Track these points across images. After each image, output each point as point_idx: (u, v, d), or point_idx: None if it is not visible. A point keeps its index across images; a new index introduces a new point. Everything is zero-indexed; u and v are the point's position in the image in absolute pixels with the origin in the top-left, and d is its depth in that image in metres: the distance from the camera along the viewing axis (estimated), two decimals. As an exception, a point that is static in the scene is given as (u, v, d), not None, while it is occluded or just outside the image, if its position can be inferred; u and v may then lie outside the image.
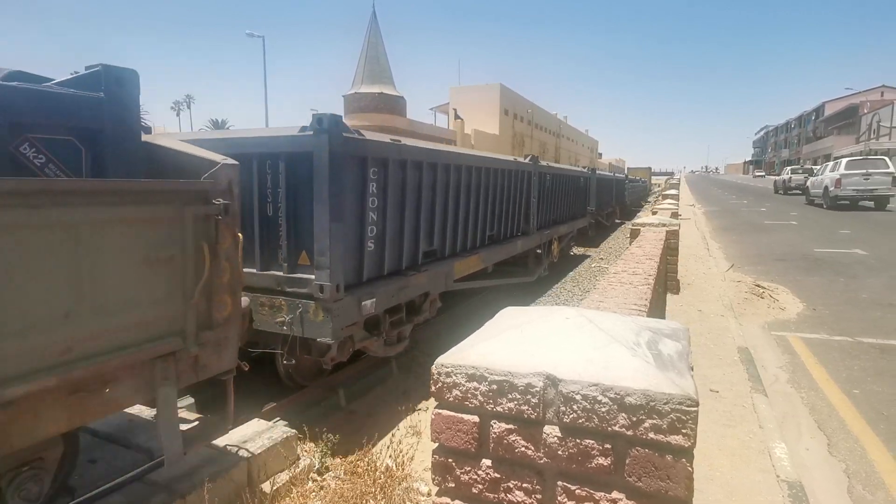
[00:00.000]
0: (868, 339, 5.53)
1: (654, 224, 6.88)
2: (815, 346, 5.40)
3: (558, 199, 11.49)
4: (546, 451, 1.09)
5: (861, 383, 4.47)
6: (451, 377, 1.16)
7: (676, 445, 1.00)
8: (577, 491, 1.08)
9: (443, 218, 6.13)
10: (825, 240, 12.58)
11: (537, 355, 1.14)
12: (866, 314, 6.43)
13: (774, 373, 4.72)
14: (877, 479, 3.12)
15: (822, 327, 6.01)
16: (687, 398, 1.00)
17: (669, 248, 6.78)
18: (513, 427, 1.12)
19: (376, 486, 3.53)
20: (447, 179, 6.13)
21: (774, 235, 13.79)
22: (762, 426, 3.54)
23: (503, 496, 1.14)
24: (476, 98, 43.07)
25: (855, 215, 17.77)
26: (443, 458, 1.18)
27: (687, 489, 1.01)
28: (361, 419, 5.19)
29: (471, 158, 6.87)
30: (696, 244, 11.81)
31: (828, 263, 9.65)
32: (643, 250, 4.25)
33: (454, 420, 1.16)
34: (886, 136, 52.21)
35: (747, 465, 3.09)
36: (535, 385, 1.09)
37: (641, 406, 1.02)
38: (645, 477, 1.03)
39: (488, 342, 1.22)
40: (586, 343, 1.17)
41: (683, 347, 1.30)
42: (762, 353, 5.18)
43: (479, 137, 38.75)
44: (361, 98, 33.03)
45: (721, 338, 5.46)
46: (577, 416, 1.06)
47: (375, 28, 34.55)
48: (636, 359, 1.11)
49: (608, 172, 21.67)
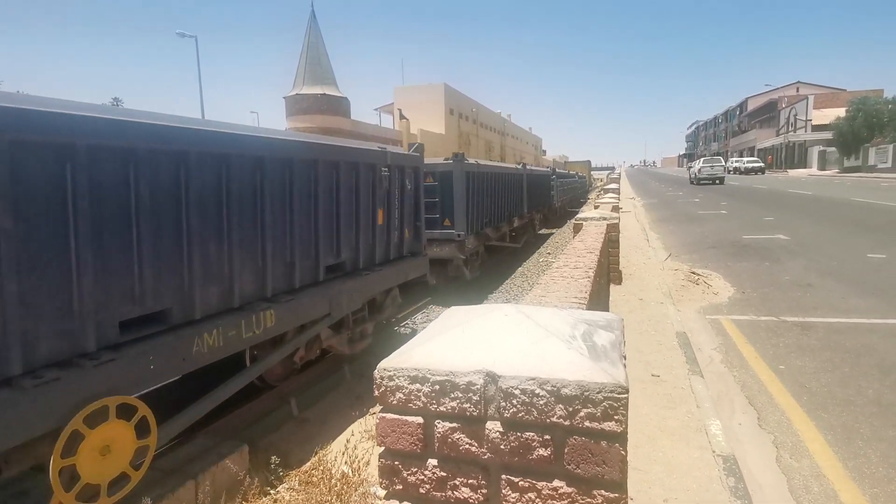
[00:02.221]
0: (791, 318, 5.97)
1: (595, 218, 7.13)
2: (744, 327, 5.77)
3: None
4: (489, 446, 1.12)
5: (786, 359, 4.82)
6: (393, 381, 1.16)
7: (610, 431, 1.05)
8: (520, 483, 1.12)
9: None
10: (752, 227, 13.45)
11: (477, 353, 1.16)
12: (788, 295, 6.94)
13: (709, 354, 5.01)
14: (802, 447, 3.38)
15: (750, 309, 6.43)
16: (618, 386, 1.05)
17: (610, 240, 7.04)
18: (456, 426, 1.14)
19: (332, 494, 3.49)
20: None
21: (707, 225, 14.61)
22: (699, 406, 3.76)
23: (450, 494, 1.16)
24: (421, 98, 43.07)
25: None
26: (389, 461, 1.19)
27: (621, 472, 1.06)
28: (315, 427, 5.10)
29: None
30: (637, 235, 12.34)
31: (754, 249, 10.33)
32: (585, 244, 4.41)
33: (399, 423, 1.17)
34: (802, 129, 56.39)
35: (686, 443, 3.27)
36: (476, 383, 1.11)
37: (577, 396, 1.06)
38: (583, 464, 1.08)
39: (430, 343, 1.23)
40: (524, 338, 1.21)
41: (617, 337, 1.36)
42: (698, 337, 5.48)
43: (425, 137, 38.79)
44: (303, 99, 32.30)
45: (661, 324, 5.74)
46: (518, 410, 1.10)
47: (315, 28, 33.87)
48: (571, 351, 1.16)
49: (510, 165, 14.48)
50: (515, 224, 13.62)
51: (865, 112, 41.35)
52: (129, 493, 3.21)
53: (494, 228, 11.34)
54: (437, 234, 8.86)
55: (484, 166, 10.30)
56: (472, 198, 9.45)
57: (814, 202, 19.27)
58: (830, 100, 57.90)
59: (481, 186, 10.15)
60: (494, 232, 11.36)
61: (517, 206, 13.54)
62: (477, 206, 9.82)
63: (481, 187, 10.15)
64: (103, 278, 3.07)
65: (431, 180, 8.56)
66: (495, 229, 11.45)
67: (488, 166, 10.82)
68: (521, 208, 14.02)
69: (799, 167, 54.18)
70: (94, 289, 2.99)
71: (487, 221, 10.69)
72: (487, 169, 10.65)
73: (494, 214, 11.20)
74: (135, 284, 3.27)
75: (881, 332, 5.39)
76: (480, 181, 10.08)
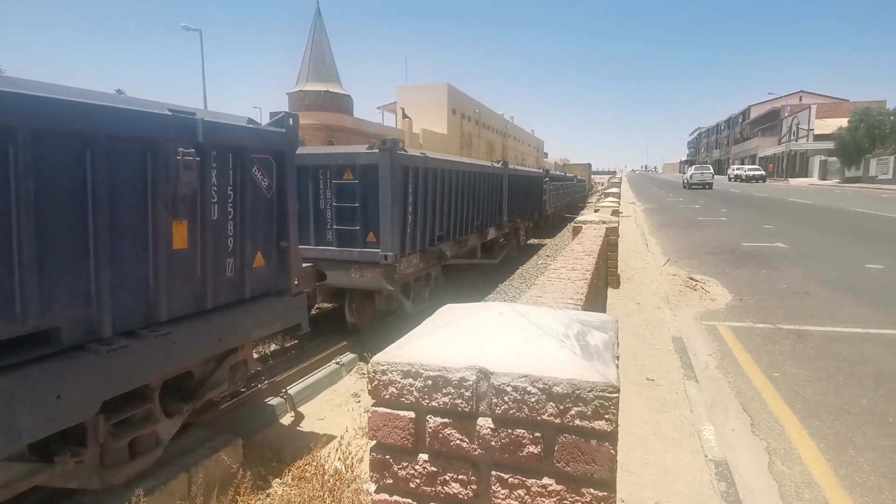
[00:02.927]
0: (787, 326, 5.98)
1: (594, 221, 7.15)
2: (741, 333, 5.78)
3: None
4: (480, 442, 1.13)
5: (781, 367, 4.83)
6: (386, 375, 1.17)
7: (600, 430, 1.06)
8: (510, 479, 1.12)
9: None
10: (751, 234, 13.47)
11: (470, 350, 1.17)
12: (785, 302, 6.95)
13: (705, 360, 5.02)
14: (794, 454, 3.39)
15: (747, 316, 6.44)
16: (609, 385, 1.06)
17: (609, 244, 7.05)
18: (448, 421, 1.14)
19: (325, 490, 3.49)
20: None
21: (707, 231, 14.62)
22: (693, 410, 3.77)
23: (440, 489, 1.17)
24: (423, 97, 43.08)
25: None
26: (380, 455, 1.20)
27: (610, 471, 1.07)
28: (309, 423, 5.10)
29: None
30: (636, 240, 12.35)
31: (753, 256, 10.34)
32: (583, 247, 4.41)
33: (390, 417, 1.17)
34: (804, 138, 56.45)
35: (679, 447, 3.28)
36: (469, 379, 1.12)
37: (568, 395, 1.07)
38: (572, 462, 1.08)
39: (424, 339, 1.24)
40: (518, 337, 1.22)
41: (610, 338, 1.37)
42: (694, 342, 5.49)
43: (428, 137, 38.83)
44: (306, 96, 32.31)
45: (657, 329, 5.74)
46: (509, 407, 1.10)
47: (320, 25, 33.87)
48: (564, 350, 1.16)
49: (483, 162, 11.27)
50: (491, 236, 11.06)
51: (867, 123, 41.41)
52: (124, 484, 3.22)
53: (456, 243, 8.76)
54: (355, 255, 6.47)
55: (435, 161, 7.72)
56: (415, 203, 6.99)
57: (814, 211, 19.29)
58: (833, 110, 57.98)
59: (432, 188, 7.61)
60: (456, 247, 8.78)
61: (494, 213, 11.07)
62: (424, 214, 7.33)
63: (432, 189, 7.61)
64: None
65: (350, 176, 6.40)
66: (457, 244, 8.84)
67: (444, 161, 8.26)
68: (499, 216, 11.53)
69: (800, 176, 54.22)
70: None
71: (444, 234, 8.17)
72: (442, 165, 8.04)
73: (455, 225, 8.65)
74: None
75: (877, 341, 5.41)
76: (431, 181, 7.55)
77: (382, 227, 6.34)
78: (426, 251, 7.56)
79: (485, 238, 10.56)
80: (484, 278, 11.47)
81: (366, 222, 6.46)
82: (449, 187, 8.26)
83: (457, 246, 8.86)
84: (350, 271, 6.52)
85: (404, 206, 6.73)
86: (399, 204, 6.52)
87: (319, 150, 6.91)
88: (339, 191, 6.52)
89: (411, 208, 6.93)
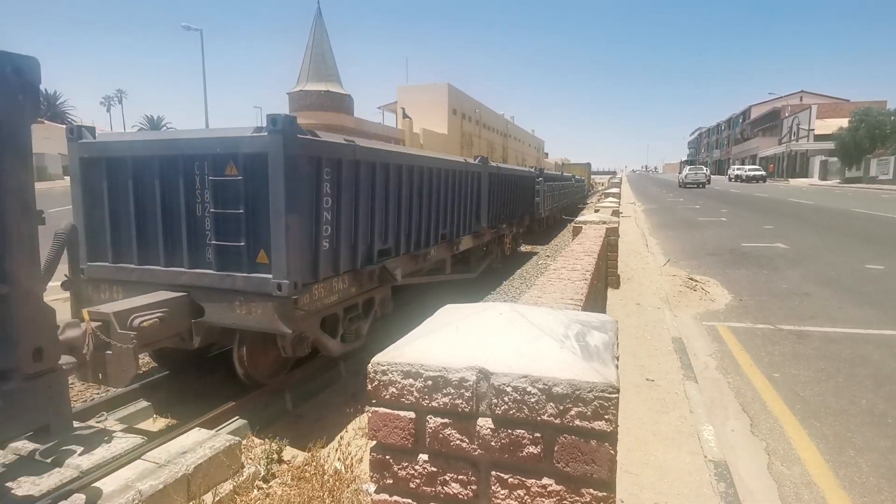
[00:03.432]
0: (787, 326, 5.98)
1: (595, 222, 7.15)
2: (740, 334, 5.78)
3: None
4: (480, 442, 1.13)
5: (781, 367, 4.83)
6: (386, 375, 1.17)
7: (600, 431, 1.06)
8: (509, 480, 1.13)
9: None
10: (751, 235, 13.47)
11: (470, 350, 1.17)
12: (785, 303, 6.95)
13: (705, 360, 5.02)
14: (794, 455, 3.39)
15: (747, 316, 6.44)
16: (609, 386, 1.06)
17: (609, 244, 7.06)
18: (448, 421, 1.15)
19: (324, 490, 3.49)
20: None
21: (707, 232, 14.62)
22: (693, 411, 3.77)
23: (440, 489, 1.17)
24: (424, 97, 43.13)
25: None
26: (380, 455, 1.20)
27: (610, 471, 1.07)
28: (309, 423, 5.10)
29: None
30: (636, 240, 12.35)
31: (753, 257, 10.34)
32: (583, 247, 4.42)
33: (391, 417, 1.18)
34: (805, 138, 56.46)
35: (679, 448, 3.28)
36: (469, 379, 1.12)
37: (568, 395, 1.07)
38: (572, 462, 1.08)
39: (424, 339, 1.24)
40: (518, 337, 1.22)
41: (610, 338, 1.37)
42: (694, 343, 5.49)
43: (428, 137, 38.86)
44: (307, 96, 32.35)
45: (657, 329, 5.75)
46: (509, 407, 1.10)
47: (321, 25, 33.90)
48: (564, 351, 1.16)
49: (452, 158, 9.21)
50: (466, 245, 9.15)
51: (868, 123, 41.41)
52: (123, 485, 3.22)
53: (412, 257, 6.79)
54: (239, 282, 4.52)
55: (371, 151, 5.68)
56: (336, 207, 5.08)
57: (814, 212, 19.29)
58: (833, 110, 57.97)
59: (368, 187, 5.64)
60: (412, 263, 6.83)
61: (469, 219, 9.16)
62: (353, 222, 5.41)
63: (368, 189, 5.64)
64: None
65: (234, 171, 4.51)
66: (413, 258, 6.85)
67: (387, 153, 6.11)
68: (477, 222, 9.61)
69: (800, 176, 54.23)
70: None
71: (390, 248, 6.24)
72: (384, 157, 5.95)
73: (409, 235, 6.72)
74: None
75: (877, 342, 5.41)
76: (366, 178, 5.58)
77: (275, 242, 4.38)
78: (359, 272, 5.54)
79: (455, 249, 8.60)
80: (484, 279, 11.47)
81: (254, 236, 4.55)
82: (397, 187, 6.31)
83: (413, 261, 6.87)
84: (234, 305, 4.57)
85: (315, 212, 4.82)
86: (304, 210, 4.62)
87: (191, 134, 4.91)
88: (220, 191, 4.59)
89: (330, 215, 4.99)
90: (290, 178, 4.39)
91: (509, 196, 12.24)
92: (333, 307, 5.26)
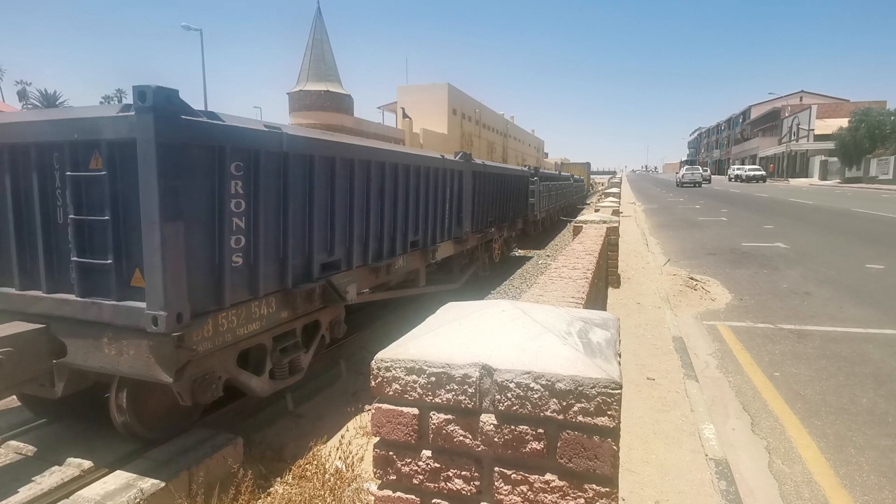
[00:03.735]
0: (787, 326, 5.99)
1: (595, 221, 7.16)
2: (741, 333, 5.79)
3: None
4: (483, 438, 1.14)
5: (781, 366, 4.83)
6: (390, 371, 1.18)
7: (603, 426, 1.07)
8: (512, 476, 1.13)
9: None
10: (752, 235, 13.47)
11: (473, 347, 1.18)
12: (785, 302, 6.96)
13: (705, 360, 5.03)
14: (794, 453, 3.39)
15: (747, 316, 6.45)
16: (612, 382, 1.07)
17: (610, 244, 7.06)
18: (451, 417, 1.15)
19: (325, 489, 3.50)
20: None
21: (707, 231, 14.63)
22: (693, 410, 3.77)
23: (443, 485, 1.18)
24: (424, 97, 43.14)
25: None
26: (384, 451, 1.20)
27: (613, 467, 1.07)
28: (310, 422, 5.11)
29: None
30: (636, 240, 12.36)
31: (753, 257, 10.34)
32: (584, 246, 4.42)
33: (394, 413, 1.18)
34: (805, 138, 56.46)
35: (679, 446, 3.29)
36: (472, 375, 1.13)
37: (571, 391, 1.08)
38: (575, 458, 1.09)
39: (427, 336, 1.25)
40: (520, 334, 1.22)
41: (612, 336, 1.38)
42: (694, 342, 5.50)
43: (428, 137, 38.86)
44: (307, 96, 32.35)
45: (658, 328, 5.75)
46: (512, 403, 1.11)
47: (321, 25, 33.90)
48: (566, 347, 1.17)
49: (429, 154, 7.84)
50: (445, 253, 8.05)
51: (868, 123, 41.41)
52: (125, 483, 3.22)
53: (371, 270, 5.72)
54: (107, 312, 3.45)
55: (308, 142, 4.60)
56: (252, 212, 3.95)
57: (814, 211, 19.30)
58: (833, 110, 57.97)
59: (303, 185, 4.56)
60: (373, 276, 5.82)
61: (448, 222, 8.00)
62: (280, 229, 4.29)
63: (303, 187, 4.56)
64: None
65: (98, 164, 3.41)
66: (373, 271, 5.78)
67: (331, 144, 4.93)
68: (458, 227, 8.48)
69: (800, 176, 54.23)
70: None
71: (339, 260, 5.17)
72: (326, 150, 4.83)
73: (366, 243, 5.63)
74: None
75: (877, 341, 5.41)
76: (299, 174, 4.50)
77: (149, 261, 3.24)
78: (291, 292, 4.39)
79: (431, 258, 7.43)
80: (482, 280, 11.48)
81: (126, 251, 3.44)
82: (347, 186, 5.17)
83: (374, 275, 5.79)
84: (102, 343, 3.48)
85: (218, 219, 3.69)
86: (196, 216, 3.52)
87: (44, 115, 3.72)
88: (81, 190, 3.49)
89: (244, 222, 3.88)
90: (168, 174, 3.22)
91: (499, 197, 11.37)
92: (256, 337, 4.17)
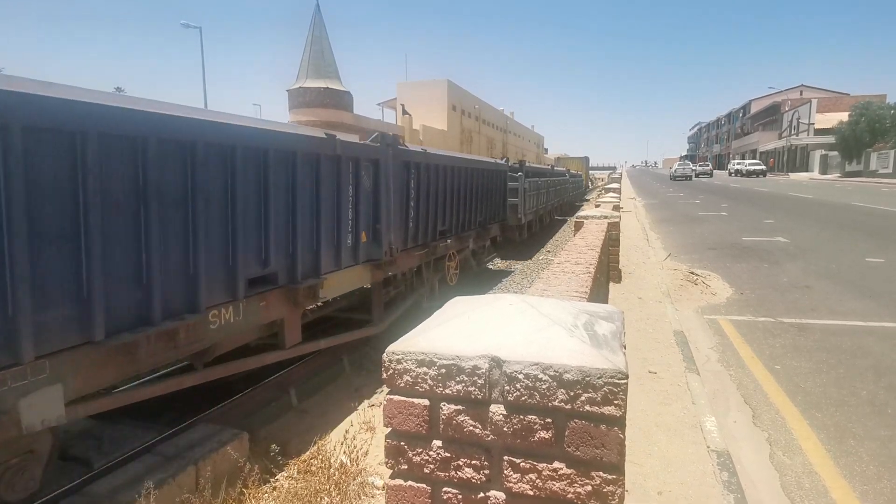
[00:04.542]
0: (788, 319, 6.02)
1: (596, 217, 7.17)
2: (742, 327, 5.82)
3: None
4: (493, 428, 1.16)
5: (782, 359, 4.87)
6: (401, 364, 1.20)
7: (609, 415, 1.09)
8: (521, 464, 1.16)
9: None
10: (752, 229, 13.49)
11: (483, 339, 1.20)
12: (786, 296, 6.99)
13: (706, 353, 5.06)
14: (795, 445, 3.43)
15: (748, 310, 6.48)
16: (618, 372, 1.09)
17: (611, 239, 7.08)
18: (461, 408, 1.18)
19: (330, 483, 3.54)
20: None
21: (707, 226, 14.64)
22: (695, 402, 3.80)
23: (454, 474, 1.20)
24: (423, 94, 43.02)
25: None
26: (395, 442, 1.23)
27: (619, 454, 1.10)
28: (314, 417, 5.15)
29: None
30: (637, 235, 12.38)
31: (754, 251, 10.37)
32: (586, 241, 4.44)
33: (405, 405, 1.21)
34: (805, 132, 56.36)
35: (682, 438, 3.32)
36: (481, 367, 1.15)
37: (578, 381, 1.10)
38: (582, 446, 1.12)
39: (436, 329, 1.27)
40: (528, 326, 1.25)
41: (617, 328, 1.40)
42: (696, 336, 5.53)
43: (428, 133, 38.79)
44: (306, 93, 32.25)
45: (659, 323, 5.78)
46: (521, 394, 1.14)
47: (320, 22, 33.77)
48: (573, 339, 1.19)
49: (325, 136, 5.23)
50: (338, 287, 5.71)
51: (868, 117, 41.34)
52: (132, 478, 3.26)
53: (110, 353, 3.31)
54: None
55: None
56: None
57: (814, 206, 19.30)
58: (833, 104, 57.81)
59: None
60: (115, 367, 3.38)
61: (352, 236, 5.75)
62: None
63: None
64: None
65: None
66: (113, 355, 3.35)
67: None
68: (373, 242, 5.98)
69: (801, 171, 54.17)
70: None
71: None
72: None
73: (97, 306, 3.18)
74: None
75: (877, 334, 5.44)
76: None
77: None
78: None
79: (309, 301, 5.20)
80: (481, 279, 11.51)
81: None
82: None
83: (118, 363, 3.43)
84: None
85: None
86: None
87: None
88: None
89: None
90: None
91: (458, 197, 8.94)
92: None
